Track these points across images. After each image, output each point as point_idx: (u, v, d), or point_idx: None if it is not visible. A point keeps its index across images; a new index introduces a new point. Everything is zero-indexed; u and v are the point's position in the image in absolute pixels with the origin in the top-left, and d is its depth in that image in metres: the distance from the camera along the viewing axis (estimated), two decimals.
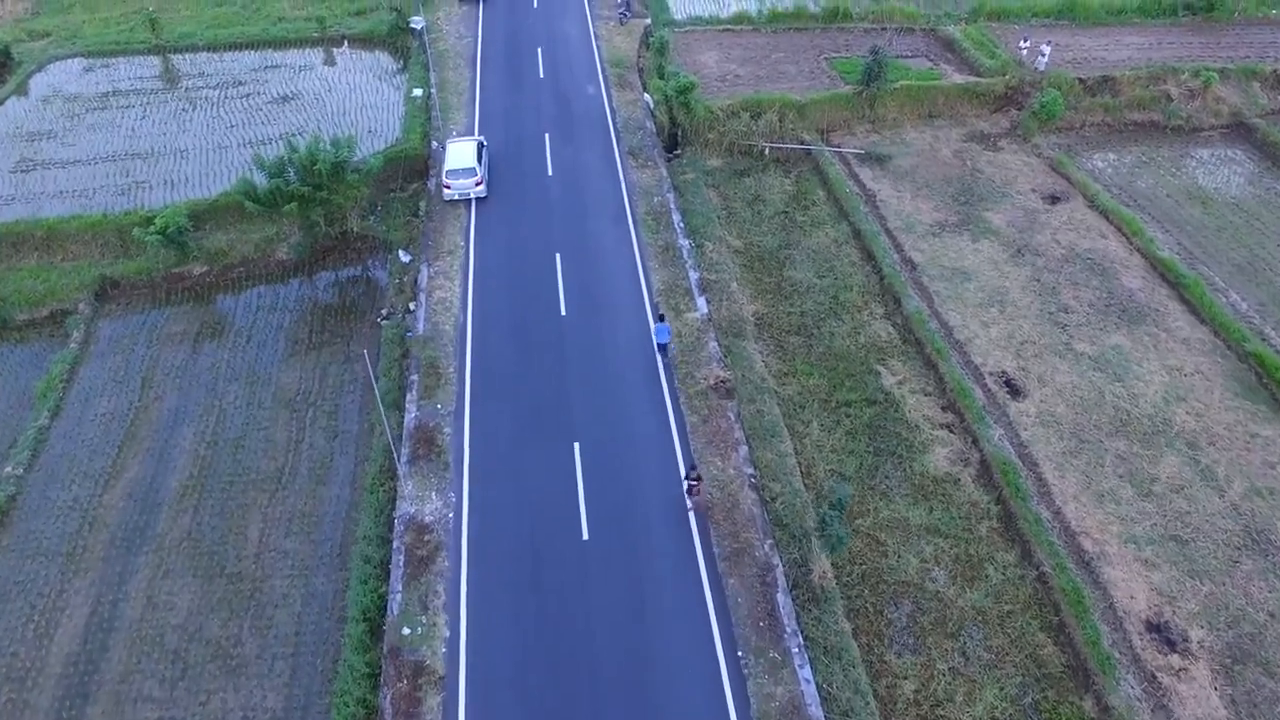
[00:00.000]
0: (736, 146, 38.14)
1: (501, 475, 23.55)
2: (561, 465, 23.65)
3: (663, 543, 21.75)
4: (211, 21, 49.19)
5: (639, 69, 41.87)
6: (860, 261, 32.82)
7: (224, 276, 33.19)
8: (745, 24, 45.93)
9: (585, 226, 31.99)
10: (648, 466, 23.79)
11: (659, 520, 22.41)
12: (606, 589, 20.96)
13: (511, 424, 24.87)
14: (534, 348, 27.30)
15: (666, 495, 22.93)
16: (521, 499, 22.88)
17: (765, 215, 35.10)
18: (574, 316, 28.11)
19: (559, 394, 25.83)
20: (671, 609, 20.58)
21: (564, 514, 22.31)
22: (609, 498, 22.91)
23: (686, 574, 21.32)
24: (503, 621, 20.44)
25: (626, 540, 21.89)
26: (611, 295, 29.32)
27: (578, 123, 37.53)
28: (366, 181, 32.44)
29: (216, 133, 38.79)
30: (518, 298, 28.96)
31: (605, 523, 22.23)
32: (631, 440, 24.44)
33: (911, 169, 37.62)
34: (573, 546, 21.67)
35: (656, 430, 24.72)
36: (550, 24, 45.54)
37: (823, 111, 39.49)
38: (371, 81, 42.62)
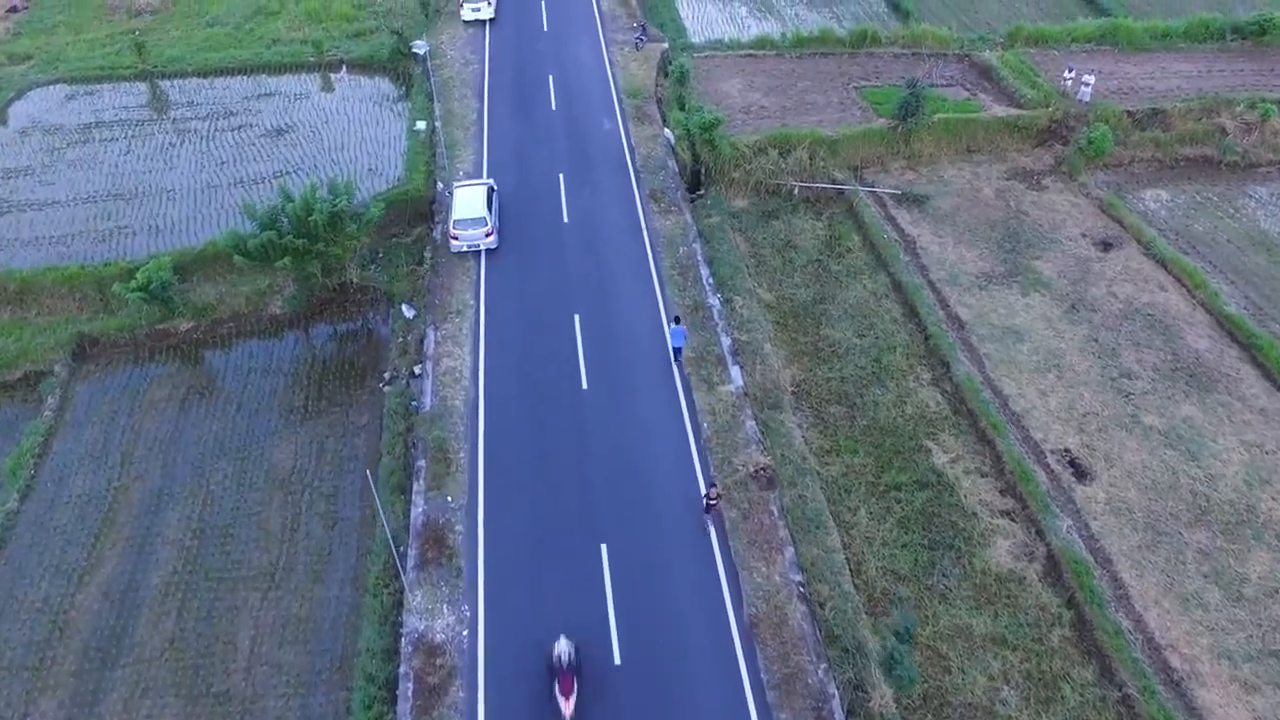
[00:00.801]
0: (764, 186, 35.96)
1: (521, 585, 21.33)
2: (588, 574, 21.42)
3: (705, 670, 19.54)
4: (202, 44, 46.94)
5: (658, 99, 39.65)
6: (902, 318, 30.64)
7: (212, 333, 30.97)
8: (768, 48, 43.73)
9: (606, 283, 29.77)
10: (685, 577, 21.56)
11: (699, 644, 20.17)
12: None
13: (531, 523, 22.64)
14: (553, 430, 25.05)
15: (706, 611, 20.71)
16: (544, 614, 20.64)
17: (797, 264, 32.90)
18: (596, 391, 25.89)
19: (582, 487, 23.59)
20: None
21: (593, 635, 20.09)
22: (642, 616, 20.68)
23: (733, 707, 19.10)
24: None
25: (664, 667, 19.67)
26: (637, 365, 27.09)
27: (594, 161, 35.31)
28: (367, 231, 30.24)
29: (206, 170, 36.55)
30: (534, 369, 26.74)
31: (639, 645, 20.03)
32: (665, 543, 22.21)
33: (952, 211, 35.44)
34: (604, 673, 19.47)
35: (693, 530, 22.49)
36: (561, 49, 43.31)
37: (855, 148, 37.30)
38: (371, 111, 40.40)
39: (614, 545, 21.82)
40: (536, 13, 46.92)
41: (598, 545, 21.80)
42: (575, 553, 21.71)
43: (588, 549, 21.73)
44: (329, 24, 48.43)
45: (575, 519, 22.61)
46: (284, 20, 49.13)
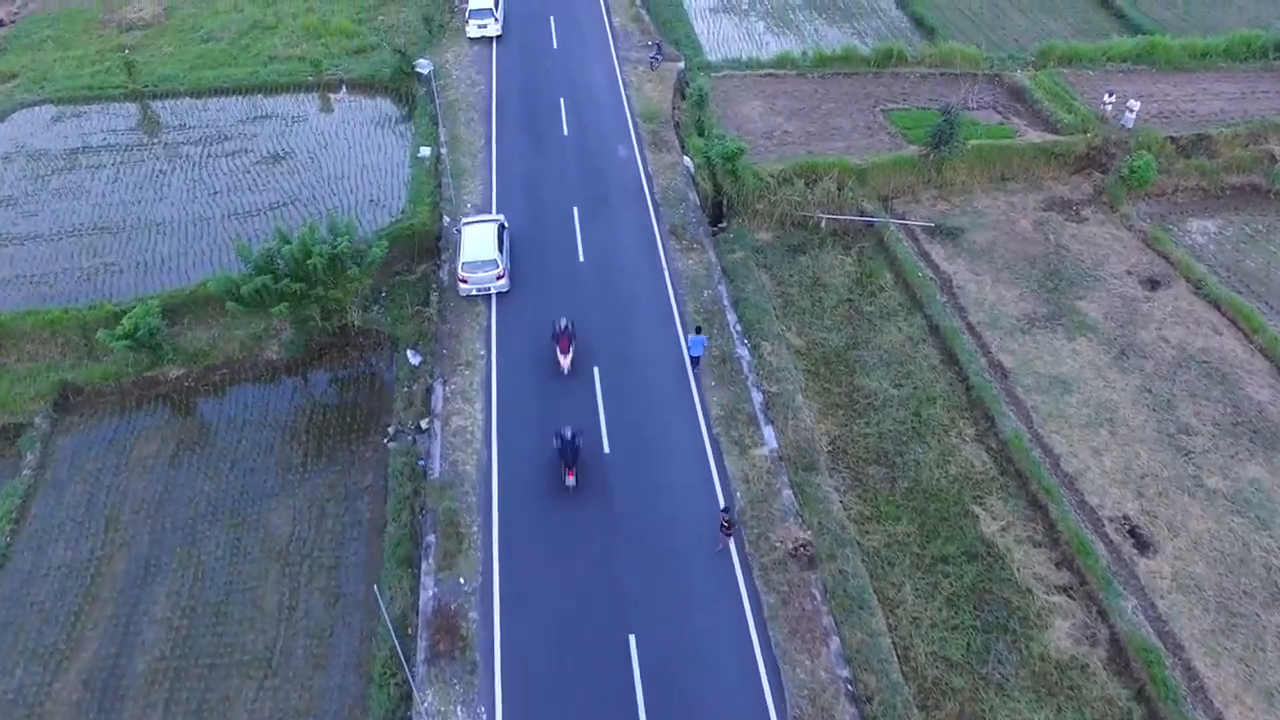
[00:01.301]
0: (789, 218, 34.22)
1: (543, 683, 19.56)
2: (616, 670, 19.66)
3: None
4: (196, 61, 45.12)
5: (675, 124, 37.88)
6: (941, 365, 28.91)
7: (205, 380, 29.18)
8: (789, 68, 41.95)
9: (627, 332, 28.00)
10: (722, 673, 19.81)
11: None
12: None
13: (552, 611, 20.87)
14: (575, 503, 23.25)
15: (746, 712, 18.94)
16: (568, 715, 18.87)
17: (827, 305, 31.16)
18: (620, 457, 24.12)
19: (607, 569, 21.81)
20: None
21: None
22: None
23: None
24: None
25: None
26: (662, 427, 25.31)
27: (610, 193, 33.55)
28: (369, 273, 28.48)
29: (198, 201, 34.76)
30: (552, 431, 24.92)
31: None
32: (700, 633, 20.44)
33: (988, 245, 33.70)
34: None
35: (728, 618, 20.73)
36: (572, 69, 41.52)
37: (885, 177, 35.56)
38: (373, 136, 38.60)
39: (644, 636, 20.07)
40: (545, 30, 45.10)
41: (625, 636, 20.06)
42: (601, 645, 19.96)
43: (615, 641, 19.99)
44: (328, 39, 46.60)
45: (600, 607, 20.84)
46: (281, 35, 47.33)
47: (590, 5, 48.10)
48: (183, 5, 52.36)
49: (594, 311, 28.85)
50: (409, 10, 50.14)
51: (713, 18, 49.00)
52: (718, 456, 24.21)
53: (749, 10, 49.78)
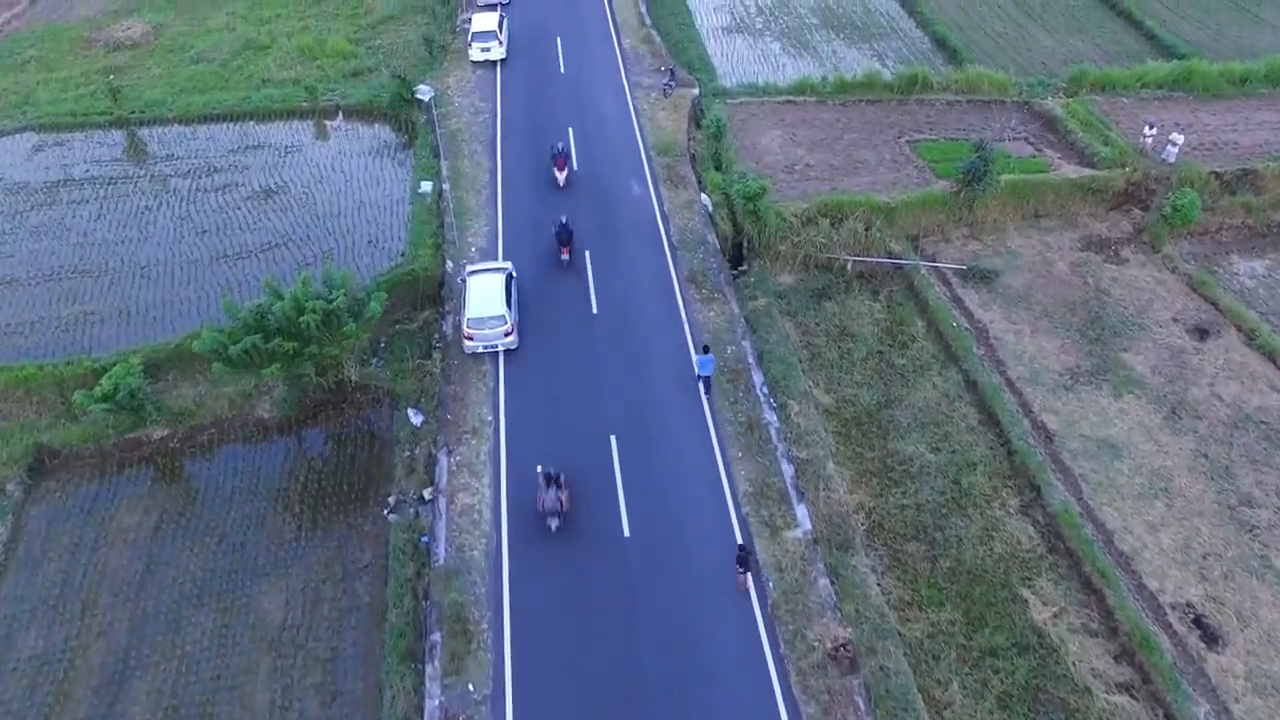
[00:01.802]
0: (813, 259, 32.50)
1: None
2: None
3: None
4: (185, 84, 43.35)
5: (691, 156, 36.15)
6: (980, 426, 27.17)
7: (191, 441, 27.41)
8: (809, 94, 40.24)
9: (646, 394, 26.27)
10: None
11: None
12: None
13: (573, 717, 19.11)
14: (592, 591, 21.49)
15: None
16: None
17: (856, 357, 29.42)
18: (640, 537, 22.37)
19: (630, 665, 20.09)
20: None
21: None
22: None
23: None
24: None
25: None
26: (687, 503, 23.55)
27: (625, 236, 31.83)
28: (368, 328, 26.72)
29: (185, 241, 32.98)
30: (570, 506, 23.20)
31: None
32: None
33: (1025, 290, 31.97)
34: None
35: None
36: (582, 95, 39.78)
37: (914, 215, 33.85)
38: (371, 168, 36.82)
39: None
40: (552, 53, 43.40)
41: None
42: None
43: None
44: (324, 61, 44.84)
45: (625, 713, 19.08)
46: (275, 57, 45.58)
47: (599, 26, 46.46)
48: (173, 23, 50.68)
49: (608, 370, 27.08)
50: (408, 30, 48.40)
51: (726, 38, 47.29)
52: (748, 540, 22.43)
53: (763, 30, 48.07)
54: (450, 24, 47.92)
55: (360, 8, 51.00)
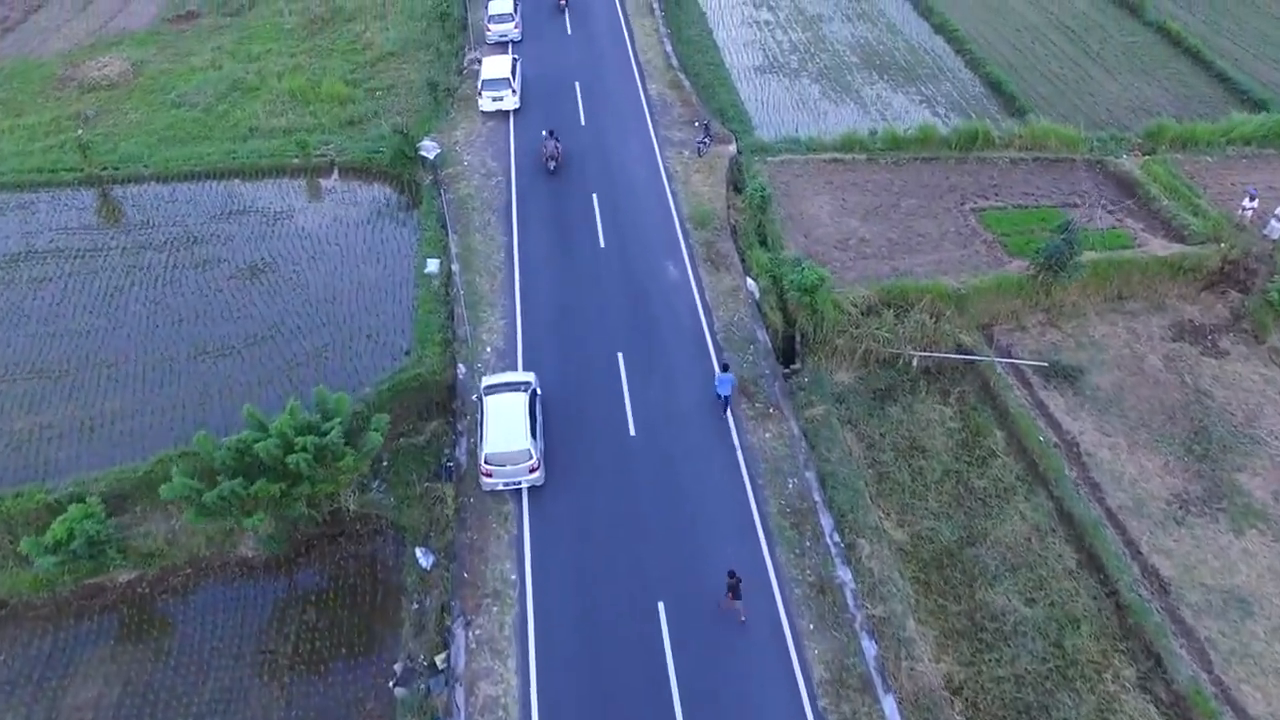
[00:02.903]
0: (875, 354, 28.99)
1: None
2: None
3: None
4: (165, 132, 39.80)
5: (732, 228, 32.55)
6: (1080, 570, 23.63)
7: (162, 585, 23.87)
8: (857, 150, 36.68)
9: (696, 546, 22.57)
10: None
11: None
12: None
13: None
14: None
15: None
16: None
17: (929, 478, 25.88)
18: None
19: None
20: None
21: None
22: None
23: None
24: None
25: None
26: (748, 698, 19.94)
27: (662, 333, 28.20)
28: (367, 460, 23.18)
29: (160, 331, 29.39)
30: (609, 698, 19.54)
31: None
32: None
33: (1115, 391, 28.46)
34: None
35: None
36: (606, 153, 36.18)
37: (986, 302, 30.35)
38: (370, 240, 33.23)
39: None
40: (571, 101, 39.82)
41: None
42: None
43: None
44: (317, 106, 41.31)
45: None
46: (264, 100, 42.02)
47: (621, 68, 42.91)
48: (154, 59, 47.18)
49: (652, 514, 23.31)
50: (410, 68, 44.92)
51: (759, 79, 43.78)
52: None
53: (799, 71, 44.56)
54: (457, 63, 44.40)
55: (358, 43, 47.53)
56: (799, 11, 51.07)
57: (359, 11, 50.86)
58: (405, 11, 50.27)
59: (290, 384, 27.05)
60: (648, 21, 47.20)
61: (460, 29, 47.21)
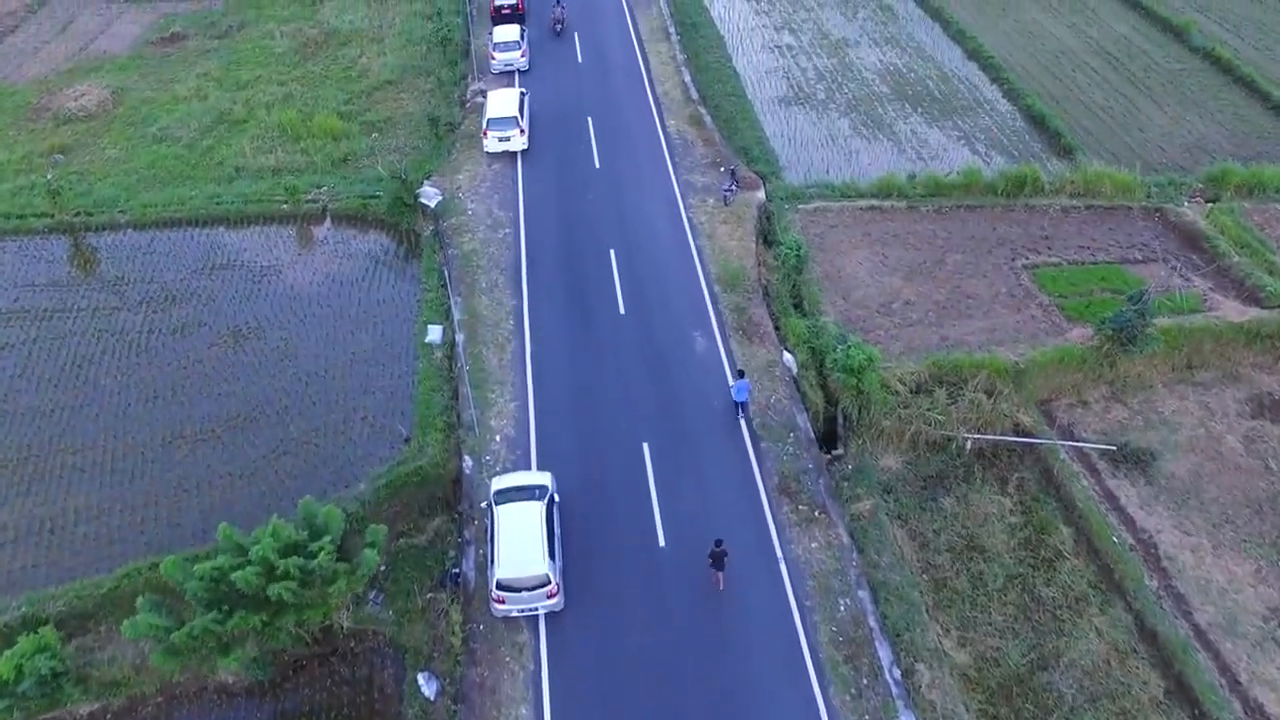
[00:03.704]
0: (924, 436, 26.41)
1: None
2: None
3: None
4: (144, 172, 37.17)
5: (763, 289, 29.89)
6: (1169, 701, 21.00)
7: (129, 718, 21.27)
8: (895, 196, 34.07)
9: (740, 689, 19.89)
10: None
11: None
12: None
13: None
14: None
15: None
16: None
17: (991, 585, 23.28)
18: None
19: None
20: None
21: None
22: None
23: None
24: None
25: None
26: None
27: (690, 420, 25.48)
28: (360, 583, 20.54)
29: (131, 410, 26.70)
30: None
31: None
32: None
33: (1192, 480, 25.85)
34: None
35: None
36: (623, 202, 33.49)
37: (1046, 376, 27.76)
38: (365, 301, 30.55)
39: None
40: (584, 140, 37.17)
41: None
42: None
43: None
44: (309, 142, 38.64)
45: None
46: (251, 135, 39.37)
47: (637, 101, 40.29)
48: (135, 86, 44.52)
49: (689, 651, 20.54)
50: (409, 98, 42.28)
51: (784, 113, 41.16)
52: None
53: (826, 102, 41.94)
54: (459, 93, 41.74)
55: (353, 69, 44.87)
56: (822, 35, 48.46)
57: (355, 35, 48.20)
58: (404, 35, 47.61)
59: (275, 477, 24.44)
60: (663, 47, 44.56)
61: (462, 55, 44.58)
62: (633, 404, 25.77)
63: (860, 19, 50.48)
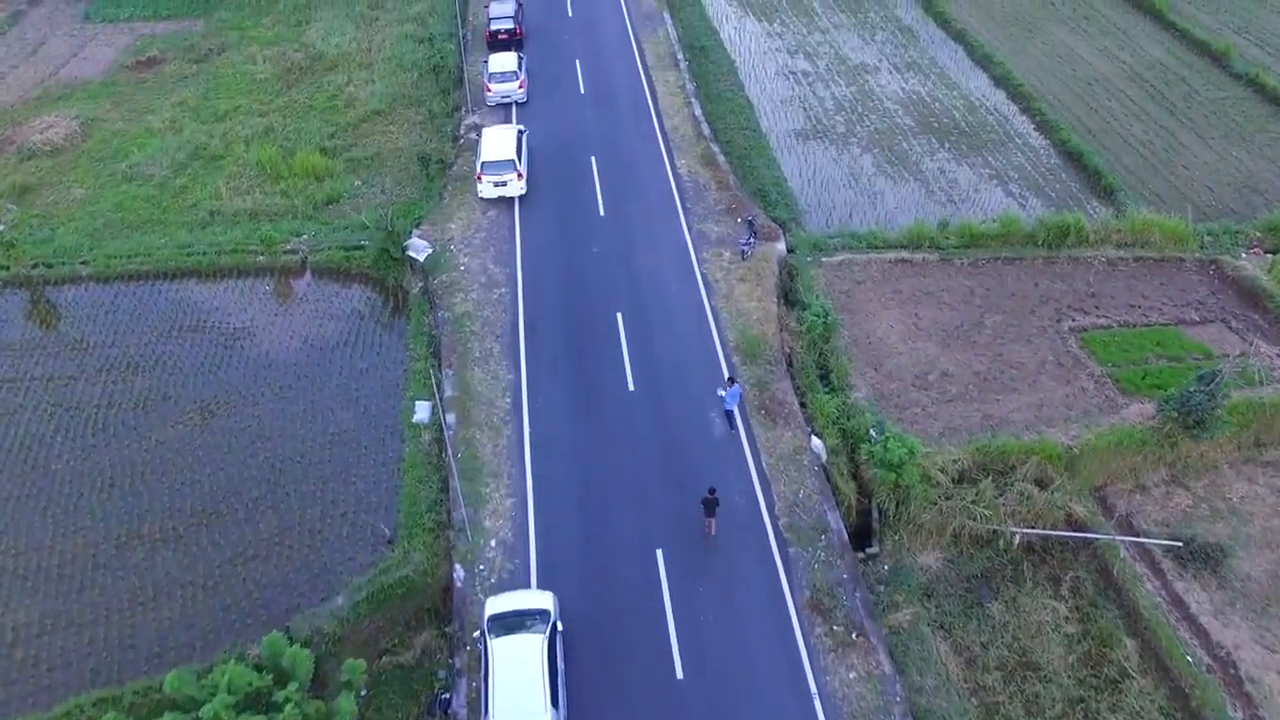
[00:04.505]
0: (967, 531, 23.86)
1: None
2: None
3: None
4: (111, 215, 34.65)
5: (786, 358, 27.31)
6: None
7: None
8: (927, 246, 31.50)
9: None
10: None
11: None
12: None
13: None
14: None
15: None
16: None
17: (1049, 712, 20.71)
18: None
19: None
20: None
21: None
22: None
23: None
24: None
25: None
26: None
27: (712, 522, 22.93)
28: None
29: (85, 503, 23.94)
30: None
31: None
32: None
33: (1271, 583, 23.26)
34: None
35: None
36: (631, 257, 30.85)
37: (1101, 460, 25.21)
38: (348, 370, 27.95)
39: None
40: (587, 183, 34.49)
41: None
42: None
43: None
44: (290, 182, 36.06)
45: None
46: (228, 173, 36.79)
47: (645, 138, 37.52)
48: (107, 115, 41.96)
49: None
50: (399, 131, 39.71)
51: (802, 148, 38.60)
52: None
53: (847, 136, 39.37)
54: (452, 126, 39.11)
55: (339, 98, 42.27)
56: (840, 60, 45.88)
57: (341, 59, 45.59)
58: (393, 59, 44.98)
59: (243, 588, 21.83)
60: (672, 76, 41.90)
61: (456, 84, 41.97)
62: (645, 502, 23.10)
63: (879, 41, 47.93)
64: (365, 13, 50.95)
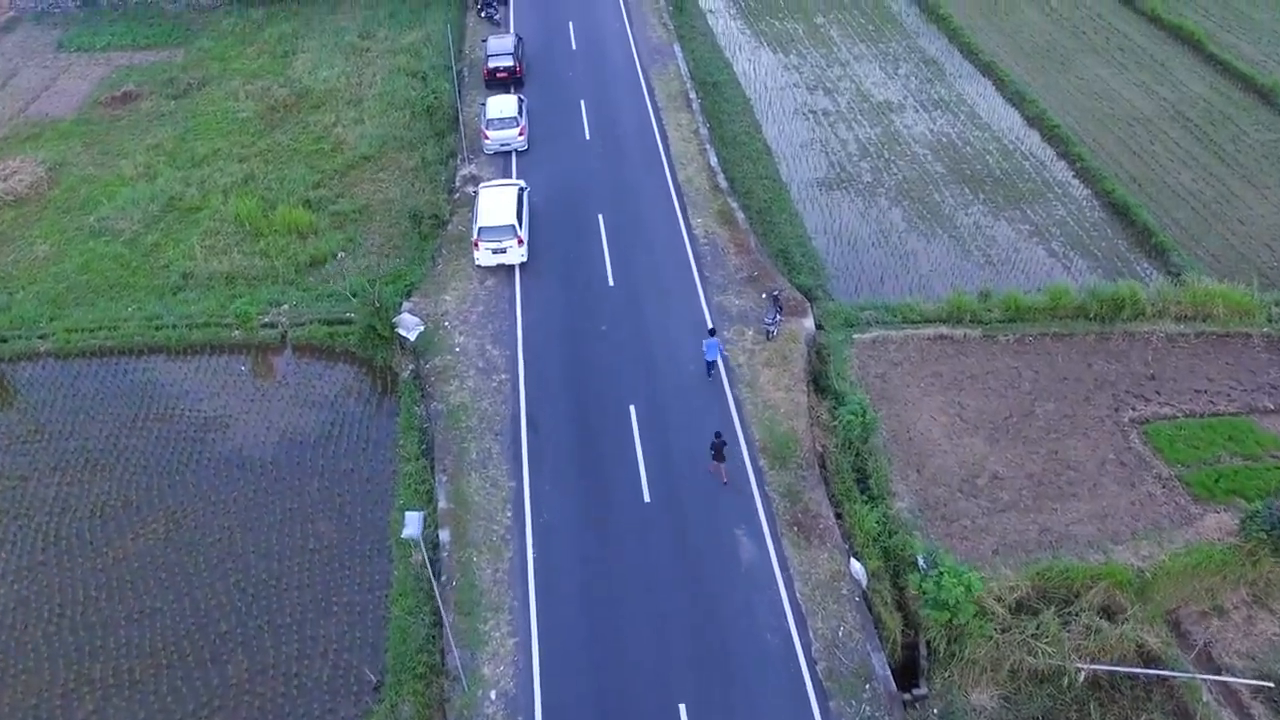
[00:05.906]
0: (1026, 666, 21.33)
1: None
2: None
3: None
4: (76, 277, 32.16)
5: (819, 460, 24.71)
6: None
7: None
8: (968, 321, 28.94)
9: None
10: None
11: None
12: None
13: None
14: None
15: None
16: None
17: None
18: None
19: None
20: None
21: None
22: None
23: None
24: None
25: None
26: None
27: (739, 667, 20.07)
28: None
29: (28, 638, 21.11)
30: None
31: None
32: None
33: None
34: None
35: None
36: (646, 339, 28.11)
37: (1176, 583, 22.67)
38: (330, 471, 25.23)
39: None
40: (594, 246, 31.83)
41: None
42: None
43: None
44: (270, 240, 33.44)
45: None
46: (204, 229, 34.23)
47: (656, 192, 34.84)
48: (77, 160, 39.46)
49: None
50: (390, 180, 37.13)
51: (826, 199, 36.03)
52: None
53: (874, 186, 36.81)
54: (447, 176, 36.46)
55: (326, 140, 39.66)
56: (862, 96, 43.29)
57: (329, 96, 42.96)
58: (385, 97, 42.35)
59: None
60: (684, 118, 39.23)
61: (451, 126, 39.36)
62: (665, 641, 20.45)
63: (903, 75, 45.34)
64: (355, 43, 48.32)
